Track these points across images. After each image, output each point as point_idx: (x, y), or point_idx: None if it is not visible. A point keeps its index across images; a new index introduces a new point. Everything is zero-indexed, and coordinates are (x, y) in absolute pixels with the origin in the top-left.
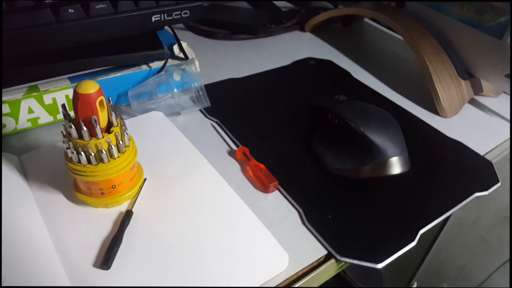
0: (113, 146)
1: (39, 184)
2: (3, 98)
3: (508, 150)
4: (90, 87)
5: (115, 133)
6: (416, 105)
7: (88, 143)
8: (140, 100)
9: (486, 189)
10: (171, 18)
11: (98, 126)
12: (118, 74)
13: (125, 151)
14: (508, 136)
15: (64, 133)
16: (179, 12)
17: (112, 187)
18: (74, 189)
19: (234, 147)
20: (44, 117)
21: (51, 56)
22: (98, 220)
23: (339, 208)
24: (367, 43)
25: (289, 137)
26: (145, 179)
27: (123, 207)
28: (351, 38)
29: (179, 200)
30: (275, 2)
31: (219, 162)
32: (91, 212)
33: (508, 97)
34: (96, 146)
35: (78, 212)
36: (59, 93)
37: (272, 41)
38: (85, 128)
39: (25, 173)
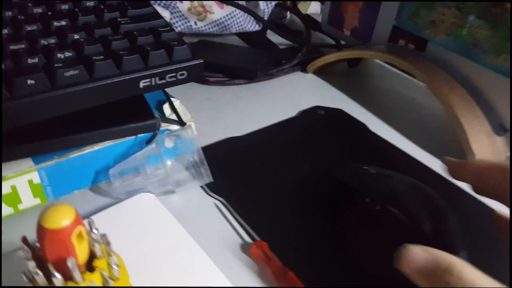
0: None
1: None
2: None
3: None
4: (62, 215)
5: (100, 271)
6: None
7: None
8: (123, 177)
9: None
10: (164, 81)
11: (77, 269)
12: (96, 147)
13: None
14: None
15: (28, 276)
16: (174, 74)
17: None
18: None
19: (246, 237)
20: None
21: (9, 137)
22: None
23: None
24: (378, 87)
25: (311, 222)
26: None
27: None
28: (359, 81)
29: None
30: (270, 38)
31: (229, 262)
32: None
33: None
34: None
35: None
36: (20, 179)
37: (272, 85)
38: (58, 276)
39: None
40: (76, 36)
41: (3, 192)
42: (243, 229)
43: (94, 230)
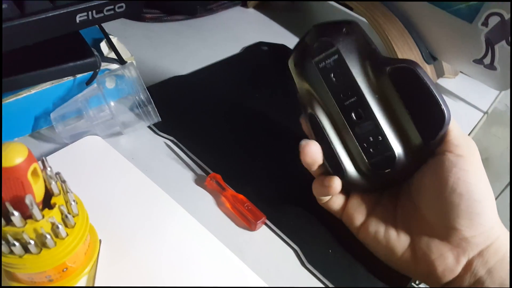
0: (58, 225)
1: None
2: None
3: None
4: (15, 153)
5: (59, 207)
6: None
7: (23, 230)
8: (66, 121)
9: None
10: (102, 15)
11: (35, 206)
12: (33, 91)
13: (75, 223)
14: (476, 121)
15: None
16: (111, 7)
17: (63, 270)
18: (7, 277)
19: (200, 172)
20: None
21: None
22: None
23: (342, 239)
24: (319, 21)
25: (267, 154)
26: (100, 241)
27: (80, 284)
28: (300, 16)
29: (146, 256)
30: None
31: (185, 196)
32: None
33: (466, 77)
34: (35, 230)
35: None
36: None
37: (212, 21)
38: (16, 213)
39: None
40: None
41: None
42: (196, 164)
43: (48, 168)
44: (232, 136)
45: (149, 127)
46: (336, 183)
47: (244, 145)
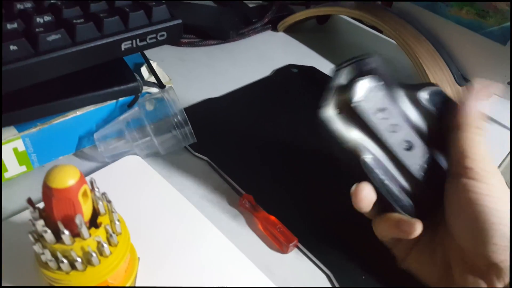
0: (104, 244)
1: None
2: None
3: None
4: (68, 175)
5: (104, 226)
6: None
7: (71, 248)
8: (108, 141)
9: None
10: (145, 43)
11: (84, 226)
12: (79, 112)
13: (118, 242)
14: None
15: (34, 235)
16: (154, 35)
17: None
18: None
19: (233, 192)
20: None
21: None
22: None
23: (375, 266)
24: (348, 43)
25: (300, 176)
26: (138, 259)
27: None
28: (328, 37)
29: (180, 274)
30: None
31: (218, 216)
32: None
33: (501, 100)
34: (82, 248)
35: None
36: (5, 147)
37: (243, 44)
38: (66, 232)
39: None
40: (52, 0)
41: None
42: (229, 185)
43: (96, 189)
44: (265, 157)
45: (185, 147)
46: (418, 228)
47: (277, 167)
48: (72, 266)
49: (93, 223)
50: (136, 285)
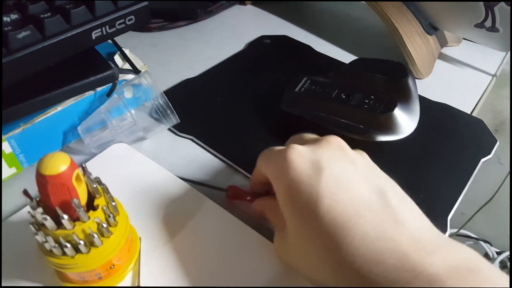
0: (103, 224)
1: (8, 282)
2: None
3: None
4: (59, 162)
5: (102, 207)
6: None
7: (73, 232)
8: (92, 132)
9: (489, 152)
10: (114, 29)
11: (82, 208)
12: (59, 108)
13: (117, 222)
14: (485, 85)
15: (35, 225)
16: (122, 20)
17: (110, 267)
18: (59, 279)
19: (221, 164)
20: None
21: None
22: None
23: None
24: (316, 8)
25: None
26: (140, 239)
27: (126, 282)
28: (297, 5)
29: (181, 248)
30: None
31: (211, 190)
32: None
33: (469, 43)
34: (83, 231)
35: None
36: None
37: (213, 22)
38: (65, 216)
39: None
40: None
41: None
42: (217, 158)
43: (88, 173)
44: (247, 127)
45: (169, 129)
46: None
47: (260, 134)
48: (76, 249)
49: (90, 206)
50: (141, 265)
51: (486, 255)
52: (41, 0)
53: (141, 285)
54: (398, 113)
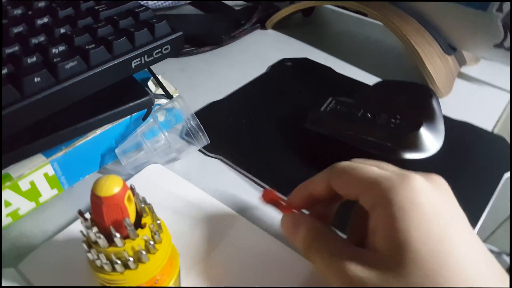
0: (150, 241)
1: None
2: None
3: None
4: (113, 184)
5: (149, 225)
6: None
7: (123, 249)
8: (129, 154)
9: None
10: (152, 58)
11: (133, 227)
12: (98, 131)
13: (162, 239)
14: (505, 104)
15: (87, 244)
16: (159, 50)
17: (155, 282)
18: None
19: (250, 185)
20: (25, 206)
21: (18, 138)
22: None
23: None
24: (336, 31)
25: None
26: (179, 255)
27: None
28: (316, 28)
29: (216, 263)
30: (224, 1)
31: (247, 210)
32: None
33: (487, 62)
34: (132, 248)
35: None
36: (36, 174)
37: (236, 46)
38: (118, 235)
39: (31, 285)
40: (62, 30)
41: (23, 189)
42: (246, 177)
43: (136, 193)
44: (274, 146)
45: (199, 150)
46: None
47: (287, 152)
48: (125, 266)
49: (137, 225)
50: (181, 280)
51: (508, 269)
52: (85, 33)
53: None
54: (423, 131)
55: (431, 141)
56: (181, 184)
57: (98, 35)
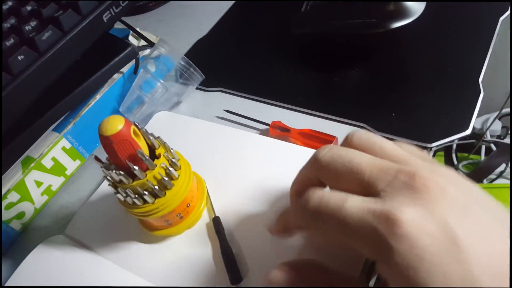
0: (170, 168)
1: (107, 248)
2: (4, 189)
3: None
4: (116, 122)
5: (163, 154)
6: None
7: (146, 179)
8: (133, 110)
9: (506, 9)
10: (120, 7)
11: (148, 157)
12: (98, 97)
13: (180, 165)
14: None
15: (113, 186)
16: None
17: (187, 206)
18: (146, 229)
19: (255, 103)
20: (55, 182)
21: (25, 119)
22: (193, 245)
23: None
24: None
25: (311, 68)
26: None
27: (204, 218)
28: None
29: (241, 180)
30: None
31: (259, 128)
32: (178, 242)
33: None
34: (154, 177)
35: (166, 250)
36: (54, 150)
37: None
38: (136, 167)
39: (82, 245)
40: (28, 8)
41: (48, 166)
42: (249, 99)
43: (142, 128)
44: (266, 61)
45: (197, 88)
46: None
47: (282, 62)
48: (154, 195)
49: (153, 157)
50: (212, 200)
51: None
52: (50, 2)
53: (217, 215)
54: None
55: (412, 3)
56: (190, 122)
57: (63, 1)
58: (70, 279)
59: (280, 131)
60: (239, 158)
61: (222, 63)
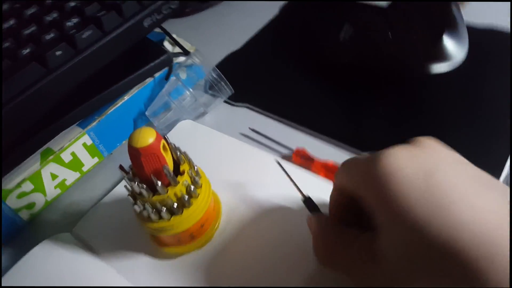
0: (192, 186)
1: (112, 255)
2: (20, 178)
3: None
4: (148, 135)
5: (187, 171)
6: None
7: (167, 196)
8: (159, 115)
9: None
10: (162, 15)
11: (172, 174)
12: (126, 98)
13: (201, 184)
14: None
15: (132, 197)
16: (167, 5)
17: (201, 226)
18: (156, 244)
19: (280, 125)
20: (71, 177)
21: (52, 112)
22: (200, 268)
23: None
24: None
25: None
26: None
27: (214, 239)
28: None
29: (256, 203)
30: None
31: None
32: (185, 262)
33: None
34: (175, 194)
35: (172, 268)
36: (75, 145)
37: None
38: (159, 183)
39: (88, 247)
40: (72, 4)
41: (66, 160)
42: (274, 120)
43: (171, 143)
44: (296, 83)
45: (225, 101)
46: None
47: (311, 87)
48: (171, 212)
49: (176, 172)
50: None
51: None
52: (93, 2)
53: (226, 237)
54: (446, 40)
55: (455, 49)
56: (213, 135)
57: (106, 2)
58: (70, 281)
59: (304, 160)
60: (257, 180)
61: (253, 79)
